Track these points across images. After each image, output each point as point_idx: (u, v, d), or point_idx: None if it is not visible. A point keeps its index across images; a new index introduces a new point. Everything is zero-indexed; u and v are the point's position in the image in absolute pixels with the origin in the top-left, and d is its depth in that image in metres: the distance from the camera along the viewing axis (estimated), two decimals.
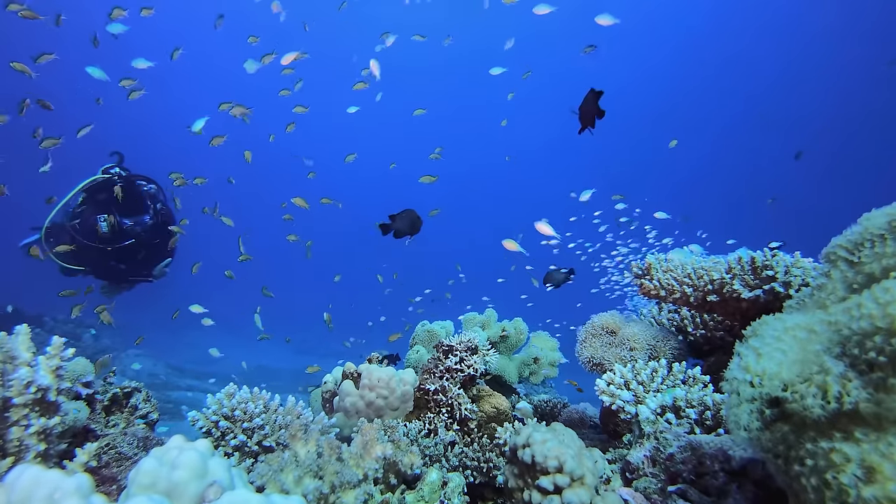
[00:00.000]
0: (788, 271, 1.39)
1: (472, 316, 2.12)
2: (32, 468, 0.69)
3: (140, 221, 3.97)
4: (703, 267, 1.54)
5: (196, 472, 0.81)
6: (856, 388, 0.61)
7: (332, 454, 0.99)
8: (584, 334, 1.76)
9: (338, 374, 1.67)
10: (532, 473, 0.99)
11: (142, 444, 1.15)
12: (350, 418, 1.43)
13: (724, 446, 1.02)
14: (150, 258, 4.12)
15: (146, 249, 4.05)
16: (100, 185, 3.90)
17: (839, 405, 0.61)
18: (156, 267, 4.14)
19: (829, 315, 0.71)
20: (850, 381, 0.62)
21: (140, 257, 4.07)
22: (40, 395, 1.00)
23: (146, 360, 7.30)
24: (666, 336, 1.68)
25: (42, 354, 1.03)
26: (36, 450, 0.98)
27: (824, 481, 0.63)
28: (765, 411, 0.69)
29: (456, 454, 1.31)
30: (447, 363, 1.52)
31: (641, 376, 1.40)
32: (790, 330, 0.73)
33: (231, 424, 1.27)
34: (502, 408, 1.55)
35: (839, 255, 0.81)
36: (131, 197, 3.86)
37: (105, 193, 3.87)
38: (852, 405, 0.61)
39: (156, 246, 4.07)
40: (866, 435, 0.61)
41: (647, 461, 1.15)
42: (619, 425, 1.49)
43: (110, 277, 4.16)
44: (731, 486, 0.97)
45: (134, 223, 3.94)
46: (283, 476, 0.95)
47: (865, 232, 0.78)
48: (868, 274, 0.75)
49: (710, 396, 1.24)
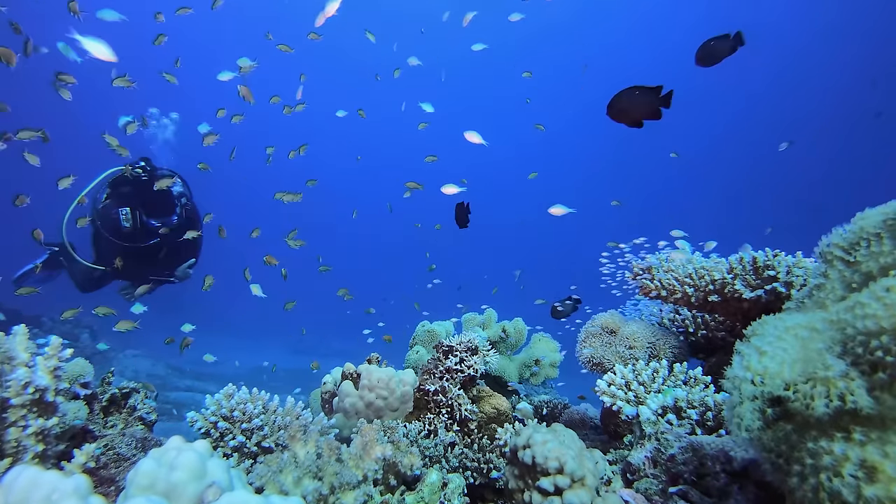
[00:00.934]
0: (790, 271, 1.39)
1: (472, 316, 2.12)
2: (30, 469, 0.69)
3: (167, 222, 3.78)
4: (705, 267, 1.53)
5: (195, 473, 0.81)
6: (859, 387, 0.61)
7: (332, 455, 0.99)
8: (584, 334, 1.76)
9: (337, 374, 1.66)
10: (532, 474, 0.99)
11: (140, 445, 1.14)
12: (349, 419, 1.43)
13: (725, 447, 1.02)
14: (172, 257, 3.92)
15: (168, 248, 3.86)
16: (124, 178, 3.70)
17: (842, 403, 0.61)
18: (178, 268, 3.93)
19: (830, 314, 0.71)
20: (853, 381, 0.61)
21: (161, 256, 3.88)
22: (38, 395, 0.99)
23: (145, 360, 7.29)
24: (665, 335, 1.67)
25: (40, 355, 1.02)
26: (34, 451, 0.97)
27: (826, 481, 0.63)
28: (766, 410, 0.69)
29: (456, 455, 1.31)
30: (447, 364, 1.51)
31: (642, 377, 1.40)
32: (791, 329, 0.73)
33: (230, 425, 1.26)
34: (502, 408, 1.54)
35: (835, 255, 0.81)
36: (158, 196, 3.66)
37: (129, 187, 3.69)
38: (855, 404, 0.60)
39: (179, 245, 3.86)
40: (868, 435, 0.61)
41: (648, 462, 1.14)
42: (620, 426, 1.48)
43: (132, 278, 3.96)
44: (732, 487, 0.96)
45: (161, 223, 3.76)
46: (282, 477, 0.95)
47: (861, 231, 0.78)
48: (866, 273, 0.75)
49: (712, 397, 1.23)
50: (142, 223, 3.69)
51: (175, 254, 3.93)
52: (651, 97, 1.67)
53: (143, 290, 3.67)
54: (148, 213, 3.74)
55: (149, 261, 3.85)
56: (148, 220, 3.73)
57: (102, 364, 6.38)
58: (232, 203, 19.48)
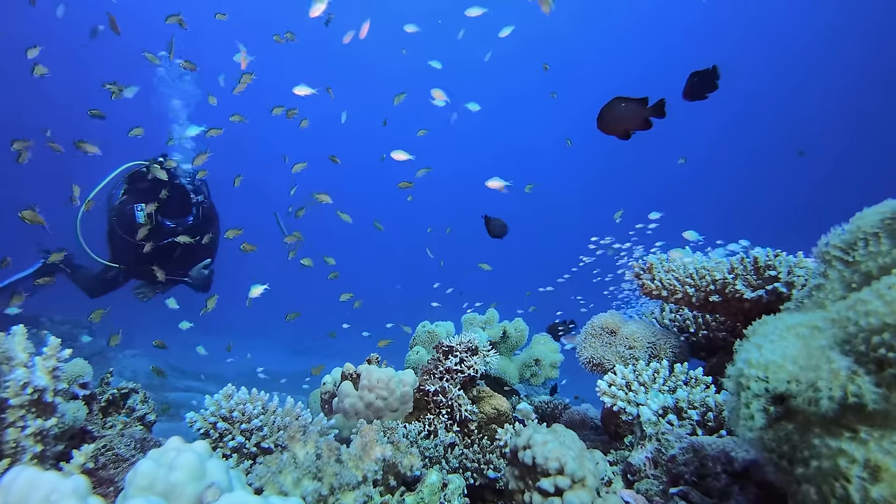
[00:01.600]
0: (791, 271, 1.38)
1: (472, 316, 2.11)
2: (29, 470, 0.69)
3: (183, 223, 3.67)
4: (706, 267, 1.53)
5: (194, 473, 0.81)
6: (865, 381, 0.61)
7: (331, 456, 0.98)
8: (584, 334, 1.75)
9: (337, 374, 1.66)
10: (533, 475, 0.98)
11: (139, 446, 1.14)
12: (349, 420, 1.42)
13: (726, 448, 1.02)
14: (187, 257, 3.77)
15: (183, 248, 3.69)
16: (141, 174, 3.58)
17: (847, 397, 0.60)
18: (193, 268, 3.80)
19: (831, 313, 0.71)
20: (859, 377, 0.61)
21: (176, 255, 3.74)
22: (37, 396, 0.99)
23: (143, 360, 7.27)
24: (666, 335, 1.67)
25: (39, 355, 1.02)
26: (32, 451, 0.97)
27: (829, 481, 0.63)
28: (769, 408, 0.68)
29: (456, 456, 1.30)
30: (447, 364, 1.51)
31: (643, 377, 1.40)
32: (792, 328, 0.73)
33: (229, 426, 1.26)
34: (503, 409, 1.54)
35: (833, 255, 0.81)
36: (175, 196, 3.57)
37: (147, 183, 3.56)
38: (861, 400, 0.60)
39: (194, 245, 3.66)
40: (873, 433, 0.61)
41: (649, 463, 1.14)
42: (621, 427, 1.48)
43: (147, 277, 3.81)
44: (733, 487, 0.96)
45: (176, 224, 3.65)
46: (281, 478, 0.94)
47: (858, 231, 0.78)
48: (865, 273, 0.75)
49: (713, 397, 1.23)
50: (157, 222, 3.57)
51: (190, 254, 3.80)
52: (639, 108, 1.67)
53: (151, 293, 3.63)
54: (164, 212, 3.63)
55: (163, 260, 3.72)
56: (164, 221, 3.62)
57: (101, 364, 6.36)
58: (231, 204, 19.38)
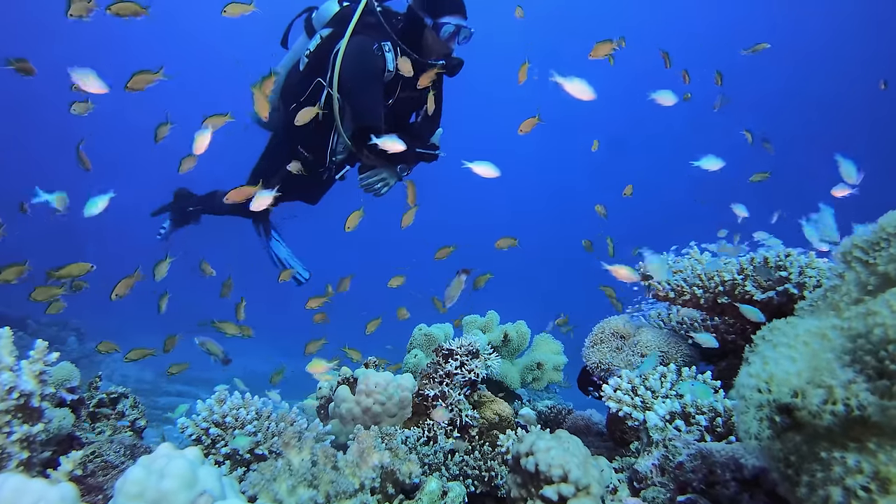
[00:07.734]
0: (803, 272, 1.37)
1: (472, 318, 2.08)
2: (15, 477, 0.69)
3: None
4: (715, 268, 1.51)
5: (185, 481, 0.80)
6: (866, 395, 0.60)
7: (328, 462, 0.97)
8: (593, 339, 1.72)
9: (334, 380, 1.63)
10: (536, 483, 0.96)
11: (129, 452, 1.11)
12: (346, 425, 1.40)
13: (735, 454, 1.00)
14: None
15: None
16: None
17: (849, 411, 0.60)
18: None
19: (842, 321, 0.71)
20: (860, 389, 0.61)
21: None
22: (23, 400, 0.97)
23: (133, 364, 7.19)
24: (677, 341, 1.64)
25: (25, 359, 1.00)
26: (18, 458, 0.95)
27: (837, 492, 0.62)
28: (776, 419, 0.68)
29: (456, 462, 1.28)
30: (447, 368, 1.49)
31: (649, 381, 1.37)
32: (801, 336, 0.72)
33: (222, 431, 1.24)
34: (504, 414, 1.51)
35: (854, 256, 0.79)
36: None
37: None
38: (863, 412, 0.60)
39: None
40: (881, 445, 0.60)
41: (656, 470, 1.12)
42: (627, 432, 1.46)
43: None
44: (743, 496, 0.94)
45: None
46: (276, 485, 0.92)
47: (881, 231, 0.76)
48: (882, 275, 0.73)
49: (721, 402, 1.21)
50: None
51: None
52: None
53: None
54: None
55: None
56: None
57: (90, 368, 6.30)
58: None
